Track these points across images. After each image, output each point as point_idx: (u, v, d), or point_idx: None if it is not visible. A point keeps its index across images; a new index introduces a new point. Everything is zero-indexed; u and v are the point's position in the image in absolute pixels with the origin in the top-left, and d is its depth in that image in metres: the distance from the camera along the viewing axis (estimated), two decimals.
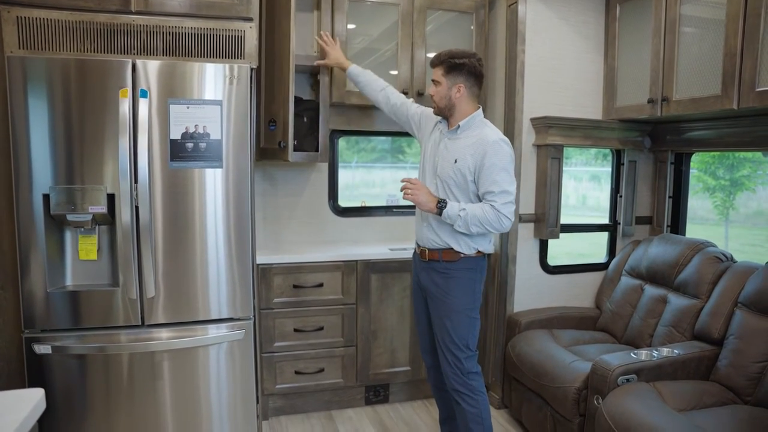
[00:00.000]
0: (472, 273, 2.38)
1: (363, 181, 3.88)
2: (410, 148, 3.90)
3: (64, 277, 2.33)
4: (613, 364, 2.36)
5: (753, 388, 2.31)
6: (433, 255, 2.41)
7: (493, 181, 2.26)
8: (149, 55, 2.37)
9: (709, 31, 2.51)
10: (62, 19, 2.27)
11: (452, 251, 2.36)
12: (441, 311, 2.40)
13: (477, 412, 2.38)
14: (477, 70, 2.35)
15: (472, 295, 2.39)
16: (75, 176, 2.23)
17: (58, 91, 2.19)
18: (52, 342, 2.26)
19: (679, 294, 2.78)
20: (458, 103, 2.36)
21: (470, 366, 2.39)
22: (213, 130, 2.35)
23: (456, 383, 2.39)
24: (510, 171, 2.29)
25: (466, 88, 2.35)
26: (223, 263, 2.43)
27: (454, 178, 2.34)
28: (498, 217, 2.25)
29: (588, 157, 4.32)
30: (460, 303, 2.36)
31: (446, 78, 2.35)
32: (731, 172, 6.36)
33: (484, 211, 2.25)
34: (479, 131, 2.35)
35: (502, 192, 2.26)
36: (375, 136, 3.64)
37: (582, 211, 4.50)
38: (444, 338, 2.39)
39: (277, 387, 3.00)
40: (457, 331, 2.36)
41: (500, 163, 2.27)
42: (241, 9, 2.46)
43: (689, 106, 2.61)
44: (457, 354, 2.37)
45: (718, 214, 6.76)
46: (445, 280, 2.38)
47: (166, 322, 2.38)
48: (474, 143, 2.32)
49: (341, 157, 3.52)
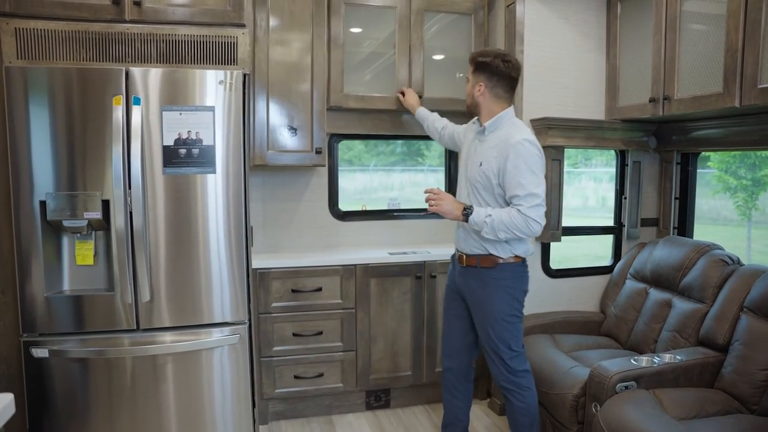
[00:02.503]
0: (510, 281, 2.34)
1: (381, 184, 3.87)
2: (429, 150, 3.87)
3: (61, 282, 2.37)
4: (611, 371, 2.30)
5: (759, 397, 2.23)
6: (471, 261, 2.38)
7: (519, 183, 2.21)
8: (143, 63, 2.41)
9: (710, 28, 2.44)
10: (59, 29, 2.32)
11: (490, 257, 2.33)
12: (480, 317, 2.39)
13: (524, 407, 2.39)
14: (500, 69, 2.31)
15: (511, 302, 2.34)
16: (71, 183, 2.27)
17: (54, 100, 2.24)
18: (50, 346, 2.30)
19: (684, 298, 2.70)
20: (481, 102, 2.36)
21: (516, 365, 2.37)
22: (206, 136, 2.37)
23: (502, 381, 2.39)
24: (536, 172, 2.22)
25: (486, 87, 2.34)
26: (218, 267, 2.45)
27: (480, 182, 2.32)
28: (526, 222, 2.19)
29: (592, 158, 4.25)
30: (499, 310, 2.33)
31: (472, 76, 2.39)
32: (753, 171, 6.19)
33: (511, 216, 2.20)
34: (505, 132, 2.31)
35: (529, 195, 2.20)
36: (375, 140, 3.63)
37: (586, 212, 4.41)
38: (487, 341, 2.39)
39: (277, 391, 3.01)
40: (499, 336, 2.34)
41: (524, 164, 2.21)
42: (234, 15, 2.49)
43: (691, 105, 2.54)
44: (501, 355, 2.36)
45: (740, 215, 6.58)
46: (482, 287, 2.36)
47: (162, 327, 2.40)
48: (497, 144, 2.29)
49: (360, 160, 3.51)
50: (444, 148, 3.61)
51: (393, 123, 3.38)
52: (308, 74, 2.99)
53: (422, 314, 3.17)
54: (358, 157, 3.52)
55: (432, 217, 3.55)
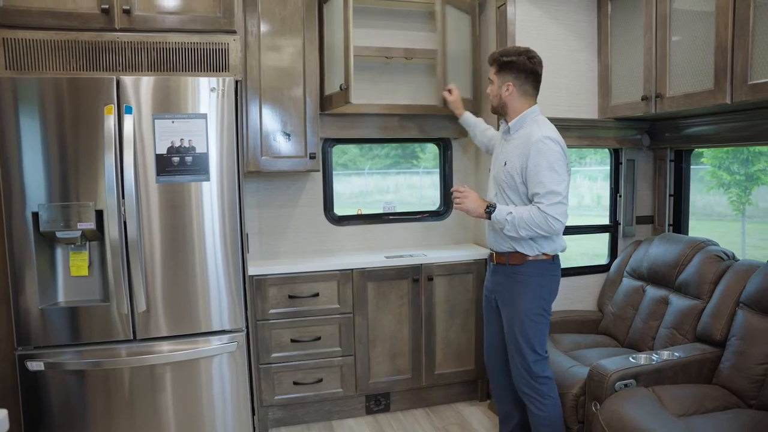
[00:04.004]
0: (538, 278, 2.34)
1: (377, 187, 3.86)
2: (423, 153, 3.86)
3: (56, 294, 2.35)
4: (610, 369, 2.30)
5: (757, 391, 2.24)
6: (501, 258, 2.40)
7: (539, 181, 2.21)
8: (134, 71, 2.40)
9: (700, 25, 2.45)
10: (48, 39, 2.31)
11: (518, 254, 2.34)
12: (507, 314, 2.40)
13: (546, 416, 2.35)
14: (527, 67, 2.33)
15: (538, 300, 2.34)
16: (64, 194, 2.26)
17: (45, 111, 2.22)
18: (46, 359, 2.28)
19: (681, 295, 2.71)
20: (509, 102, 2.37)
21: (538, 370, 2.35)
22: (199, 144, 2.36)
23: (524, 386, 2.37)
24: (557, 169, 2.22)
25: (515, 86, 2.34)
26: (214, 275, 2.43)
27: (506, 181, 2.34)
28: (546, 219, 2.19)
29: (585, 156, 4.26)
30: (526, 307, 2.34)
31: (497, 77, 2.38)
32: (746, 167, 6.21)
33: (531, 214, 2.21)
34: (528, 130, 2.32)
35: (549, 193, 2.19)
36: (369, 143, 3.63)
37: (581, 211, 4.42)
38: (512, 341, 2.38)
39: (276, 398, 2.99)
40: (523, 335, 2.34)
41: (545, 162, 2.20)
42: (225, 22, 2.48)
43: (683, 102, 2.55)
44: (525, 356, 2.34)
45: (734, 210, 6.60)
46: (511, 283, 2.37)
47: (159, 336, 2.39)
48: (520, 143, 2.31)
49: (355, 164, 3.50)
50: (438, 150, 3.61)
51: (387, 126, 3.37)
52: (300, 79, 2.98)
53: (420, 317, 3.17)
54: (353, 161, 3.51)
55: (427, 220, 3.56)
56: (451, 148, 3.56)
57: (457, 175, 3.58)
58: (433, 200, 3.72)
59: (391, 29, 3.31)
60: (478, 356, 3.28)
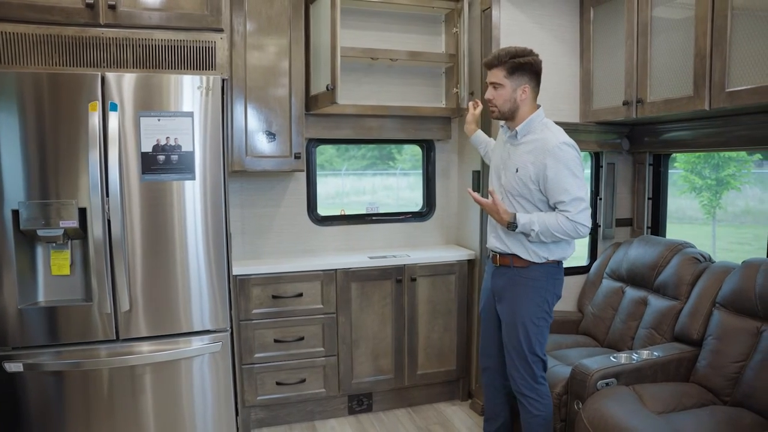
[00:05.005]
0: (541, 282, 2.32)
1: (354, 188, 3.86)
2: (400, 155, 3.88)
3: (36, 293, 2.31)
4: (592, 369, 2.35)
5: (731, 388, 2.31)
6: (504, 260, 2.37)
7: (563, 189, 2.18)
8: (119, 68, 2.36)
9: (680, 33, 2.52)
10: (29, 32, 2.26)
11: (523, 258, 2.32)
12: (508, 316, 2.37)
13: (543, 416, 2.35)
14: (539, 67, 2.30)
15: (539, 304, 2.32)
16: (45, 191, 2.21)
17: (27, 106, 2.17)
18: (25, 360, 2.23)
19: (659, 296, 2.78)
20: (522, 105, 2.30)
21: (538, 371, 2.35)
22: (185, 142, 2.34)
23: (524, 388, 2.35)
24: (578, 175, 2.20)
25: (530, 88, 2.29)
26: (198, 275, 2.41)
27: (517, 189, 2.29)
28: (575, 227, 2.18)
29: None
30: (527, 310, 2.32)
31: (510, 79, 2.27)
32: (717, 172, 6.37)
33: (559, 223, 2.18)
34: (540, 135, 2.26)
35: (574, 200, 2.17)
36: (354, 144, 3.63)
37: None
38: (512, 343, 2.36)
39: (259, 398, 2.98)
40: (524, 338, 2.32)
41: (566, 169, 2.18)
42: (212, 20, 2.46)
43: (663, 108, 2.62)
44: (526, 358, 2.33)
45: (705, 214, 6.76)
46: (513, 285, 2.35)
47: (141, 336, 2.36)
48: (534, 149, 2.25)
49: (331, 165, 3.50)
50: (421, 151, 3.63)
51: (371, 127, 3.38)
52: (286, 79, 2.97)
53: (403, 317, 3.18)
54: (329, 162, 3.50)
55: (411, 221, 3.58)
56: (435, 149, 3.58)
57: (440, 178, 3.60)
58: (409, 201, 3.75)
59: (376, 30, 3.32)
60: (459, 356, 3.31)
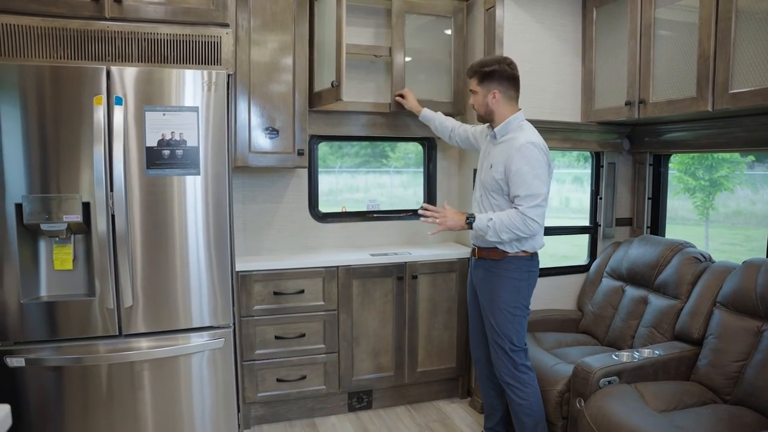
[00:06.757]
0: (516, 273, 2.44)
1: (347, 185, 3.85)
2: (393, 152, 3.89)
3: (38, 288, 2.29)
4: (595, 367, 2.36)
5: (732, 387, 2.33)
6: (482, 253, 2.50)
7: (520, 184, 2.32)
8: (124, 62, 2.35)
9: (683, 35, 2.54)
10: (34, 25, 2.24)
11: (498, 250, 2.44)
12: (486, 307, 2.50)
13: (527, 404, 2.45)
14: (509, 73, 2.45)
15: (516, 294, 2.44)
16: (49, 185, 2.19)
17: (31, 99, 2.15)
18: (26, 354, 2.21)
19: (660, 295, 2.80)
20: (496, 109, 2.46)
21: (518, 359, 2.45)
22: (190, 137, 2.33)
23: (506, 375, 2.47)
24: (538, 174, 2.32)
25: (500, 92, 2.44)
26: (202, 270, 2.40)
27: (491, 184, 2.44)
28: (524, 221, 2.30)
29: (570, 159, 4.35)
30: (503, 300, 2.44)
31: (481, 86, 2.47)
32: (710, 173, 6.43)
33: (510, 217, 2.32)
34: (513, 135, 2.42)
35: (528, 195, 2.31)
36: (355, 141, 3.63)
37: (563, 213, 4.52)
38: (491, 332, 2.49)
39: (259, 395, 2.97)
40: (501, 327, 2.45)
41: (526, 166, 2.31)
42: (217, 15, 2.45)
43: (666, 108, 2.64)
44: (504, 347, 2.45)
45: (698, 215, 6.82)
46: (490, 277, 2.47)
47: (144, 332, 2.35)
48: (505, 148, 2.41)
49: (324, 163, 3.50)
50: (422, 149, 3.63)
51: (373, 124, 3.38)
52: (290, 75, 2.96)
53: (404, 315, 3.19)
54: (322, 159, 3.50)
55: (412, 219, 3.58)
56: (436, 147, 3.59)
57: (441, 175, 3.61)
58: (402, 199, 3.77)
59: (379, 27, 3.31)
60: (459, 354, 3.32)
